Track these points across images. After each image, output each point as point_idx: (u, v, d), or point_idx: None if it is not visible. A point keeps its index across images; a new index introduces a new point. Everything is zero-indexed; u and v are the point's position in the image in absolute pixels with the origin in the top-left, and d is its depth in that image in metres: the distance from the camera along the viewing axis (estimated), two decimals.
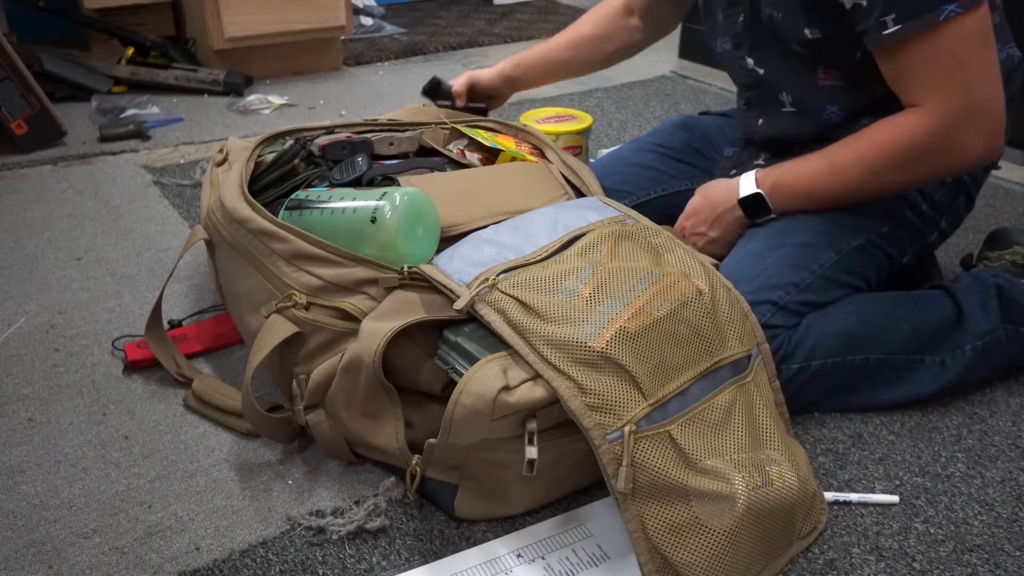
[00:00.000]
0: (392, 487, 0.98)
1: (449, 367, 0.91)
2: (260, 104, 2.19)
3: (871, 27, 1.01)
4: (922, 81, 1.02)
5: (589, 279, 0.91)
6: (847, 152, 1.08)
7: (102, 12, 2.31)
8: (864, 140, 1.07)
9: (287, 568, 0.89)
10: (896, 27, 0.99)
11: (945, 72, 1.00)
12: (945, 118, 1.02)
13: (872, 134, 1.07)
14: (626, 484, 0.81)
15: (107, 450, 1.05)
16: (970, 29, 0.98)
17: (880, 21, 1.00)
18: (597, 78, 2.49)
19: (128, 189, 1.73)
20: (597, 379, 0.84)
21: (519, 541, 0.92)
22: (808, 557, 0.91)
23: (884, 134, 1.05)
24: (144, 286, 1.39)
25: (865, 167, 1.06)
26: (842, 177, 1.08)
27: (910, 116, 1.04)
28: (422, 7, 3.24)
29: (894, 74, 1.05)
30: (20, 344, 1.25)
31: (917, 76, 1.02)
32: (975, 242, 1.44)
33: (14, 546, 0.92)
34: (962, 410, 1.13)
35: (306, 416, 1.00)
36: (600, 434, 0.82)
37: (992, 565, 0.90)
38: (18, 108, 1.86)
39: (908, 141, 1.04)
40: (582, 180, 1.19)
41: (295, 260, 1.02)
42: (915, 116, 1.03)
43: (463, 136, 1.33)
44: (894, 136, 1.04)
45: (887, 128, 1.05)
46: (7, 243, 1.52)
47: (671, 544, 0.82)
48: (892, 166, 1.06)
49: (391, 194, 1.01)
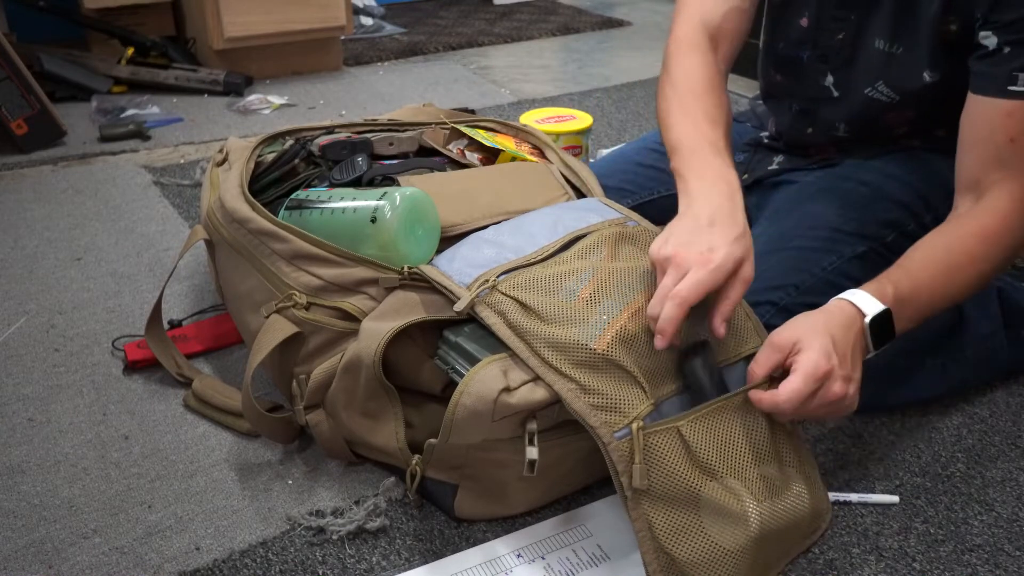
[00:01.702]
0: (392, 487, 0.98)
1: (449, 367, 0.91)
2: (260, 104, 2.19)
3: (998, 75, 0.95)
4: (1016, 164, 0.95)
5: (589, 280, 0.91)
6: (952, 255, 0.96)
7: (102, 12, 2.31)
8: (964, 236, 0.97)
9: (287, 568, 0.89)
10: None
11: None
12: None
13: (972, 226, 0.97)
14: (641, 480, 0.81)
15: (107, 450, 1.05)
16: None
17: (1012, 74, 0.93)
18: (597, 78, 2.49)
19: (128, 189, 1.73)
20: (599, 380, 0.84)
21: (519, 541, 0.92)
22: (808, 557, 0.91)
23: (985, 226, 0.96)
24: (144, 286, 1.39)
25: (977, 267, 0.96)
26: (956, 279, 0.96)
27: (1003, 202, 0.96)
28: (422, 7, 3.24)
29: (985, 139, 0.96)
30: (20, 344, 1.25)
31: (1016, 156, 0.94)
32: None
33: (14, 546, 0.92)
34: (962, 410, 1.13)
35: (306, 416, 1.00)
36: (607, 432, 0.82)
37: (992, 565, 0.90)
38: (18, 108, 1.86)
39: (1010, 231, 0.96)
40: (582, 180, 1.19)
41: (295, 260, 1.02)
42: (1006, 203, 0.96)
43: (463, 136, 1.33)
44: (997, 227, 0.96)
45: (987, 219, 0.96)
46: (7, 243, 1.52)
47: (677, 543, 0.82)
48: (993, 263, 0.97)
49: (391, 194, 1.01)
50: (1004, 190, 0.96)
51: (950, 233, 0.98)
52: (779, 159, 1.25)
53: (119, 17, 2.36)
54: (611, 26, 3.05)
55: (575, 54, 2.73)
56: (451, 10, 3.21)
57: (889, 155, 1.17)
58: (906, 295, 0.92)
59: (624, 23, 3.09)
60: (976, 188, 0.99)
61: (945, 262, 0.95)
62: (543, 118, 1.56)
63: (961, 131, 1.00)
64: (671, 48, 1.13)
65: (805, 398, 0.84)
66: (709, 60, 1.11)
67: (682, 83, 1.09)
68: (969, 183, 0.99)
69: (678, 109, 1.06)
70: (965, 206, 1.00)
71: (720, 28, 1.13)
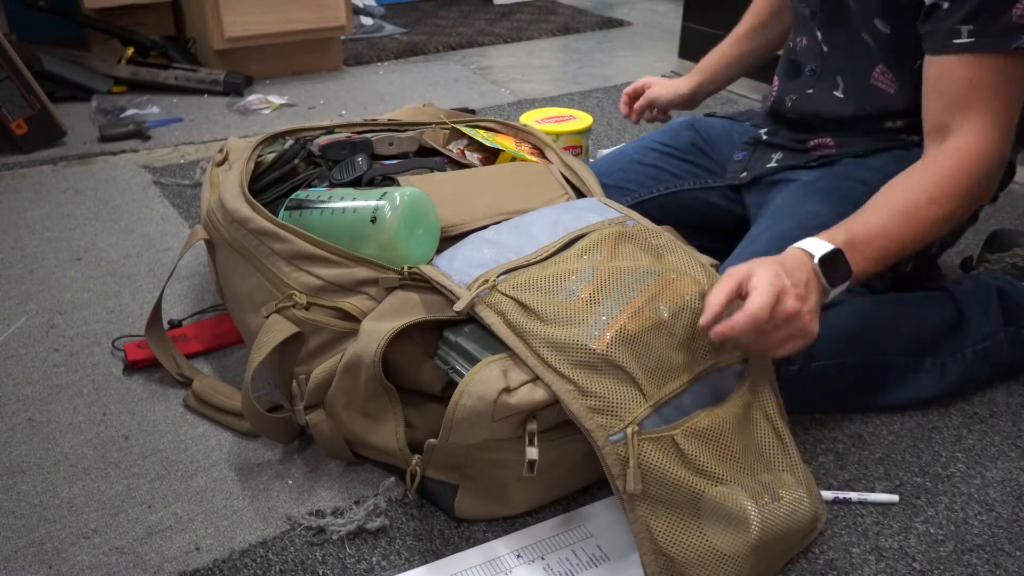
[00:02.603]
0: (392, 487, 0.98)
1: (449, 367, 0.91)
2: (260, 104, 2.19)
3: (941, 32, 0.97)
4: (975, 106, 0.97)
5: (589, 280, 0.91)
6: (911, 193, 0.97)
7: (102, 12, 2.31)
8: (926, 177, 0.98)
9: (287, 568, 0.89)
10: (970, 39, 0.95)
11: (1001, 104, 0.97)
12: (996, 148, 0.98)
13: (933, 168, 0.99)
14: (635, 485, 0.81)
15: (107, 450, 1.05)
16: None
17: (954, 28, 0.96)
18: (597, 78, 2.49)
19: (128, 189, 1.73)
20: (597, 381, 0.84)
21: (519, 541, 0.92)
22: (808, 557, 0.91)
23: (947, 167, 0.98)
24: (144, 286, 1.39)
25: (938, 208, 0.97)
26: (915, 220, 0.97)
27: (964, 141, 0.98)
28: (422, 7, 3.24)
29: (945, 88, 0.99)
30: (20, 344, 1.25)
31: (973, 98, 0.97)
32: (975, 243, 1.43)
33: (14, 546, 0.92)
34: (962, 410, 1.13)
35: (306, 416, 1.00)
36: (603, 435, 0.82)
37: (992, 565, 0.90)
38: (18, 108, 1.86)
39: (970, 171, 0.97)
40: (582, 180, 1.19)
41: (295, 260, 1.02)
42: (969, 142, 0.98)
43: (463, 136, 1.33)
44: (957, 167, 0.98)
45: (947, 160, 0.98)
46: (7, 243, 1.52)
47: (676, 547, 0.82)
48: (958, 201, 0.98)
49: (391, 194, 1.01)
50: (967, 131, 0.98)
51: (912, 175, 0.99)
52: (777, 156, 1.25)
53: (119, 17, 2.36)
54: (611, 26, 3.05)
55: (575, 54, 2.73)
56: (451, 10, 3.21)
57: (888, 153, 1.17)
58: (860, 237, 0.94)
59: (624, 23, 3.10)
60: (943, 131, 1.01)
61: (903, 204, 0.97)
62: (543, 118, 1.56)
63: (923, 85, 1.03)
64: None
65: (763, 316, 0.84)
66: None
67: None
68: (936, 127, 1.02)
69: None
70: (930, 150, 1.02)
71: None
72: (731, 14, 1.47)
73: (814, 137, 1.22)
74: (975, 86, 0.97)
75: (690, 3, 2.49)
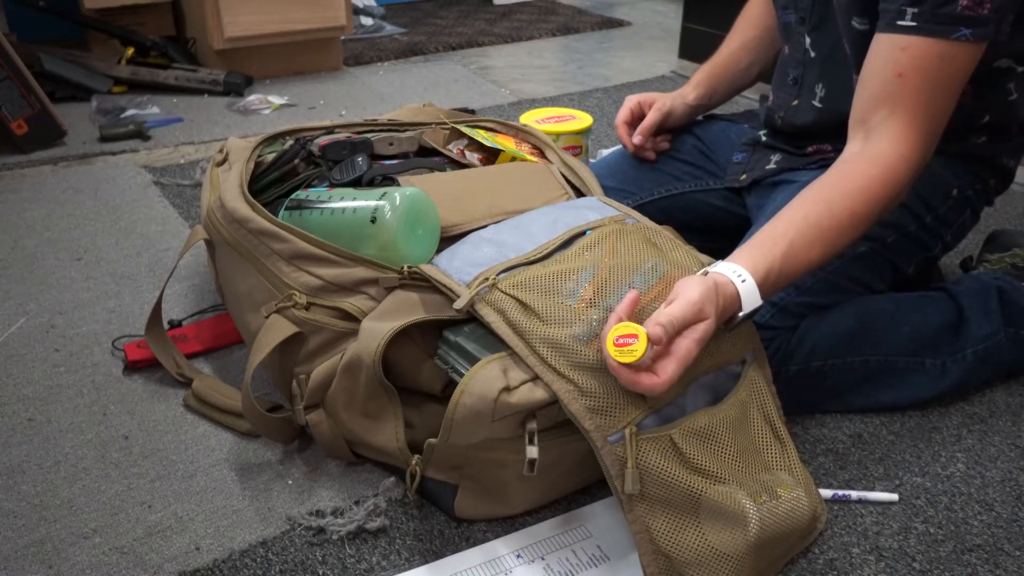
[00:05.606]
0: (392, 487, 0.98)
1: (449, 367, 0.91)
2: (260, 104, 2.19)
3: (890, 11, 0.97)
4: (903, 101, 0.96)
5: (590, 281, 0.91)
6: (834, 218, 0.94)
7: (102, 12, 2.31)
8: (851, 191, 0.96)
9: (287, 568, 0.89)
10: (912, 23, 0.95)
11: (930, 99, 0.96)
12: (918, 154, 0.97)
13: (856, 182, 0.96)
14: (634, 486, 0.81)
15: (107, 450, 1.05)
16: (969, 61, 0.96)
17: (901, 9, 0.96)
18: (597, 78, 2.49)
19: (128, 189, 1.73)
20: (596, 381, 0.84)
21: (519, 541, 0.92)
22: (808, 557, 0.91)
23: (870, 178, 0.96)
24: (144, 286, 1.39)
25: (858, 222, 0.96)
26: (834, 244, 0.95)
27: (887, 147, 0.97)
28: (422, 7, 3.24)
29: (879, 70, 0.98)
30: (20, 344, 1.25)
31: (905, 89, 0.96)
32: (975, 242, 1.43)
33: (14, 546, 0.92)
34: (962, 410, 1.13)
35: (306, 416, 1.00)
36: (601, 436, 0.82)
37: (992, 565, 0.91)
38: (18, 108, 1.86)
39: (893, 181, 0.96)
40: (582, 180, 1.19)
41: (295, 260, 1.02)
42: (892, 148, 0.96)
43: (463, 136, 1.33)
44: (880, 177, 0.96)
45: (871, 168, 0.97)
46: (7, 243, 1.52)
47: (675, 547, 0.82)
48: (877, 214, 0.97)
49: (391, 194, 1.01)
50: (886, 132, 0.97)
51: (836, 187, 0.96)
52: (776, 158, 1.25)
53: (119, 17, 2.36)
54: (611, 26, 3.05)
55: (575, 54, 2.73)
56: (451, 10, 3.21)
57: None
58: (781, 272, 0.91)
59: (624, 23, 3.10)
60: (864, 124, 0.99)
61: (826, 225, 0.94)
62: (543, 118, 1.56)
63: (863, 65, 1.02)
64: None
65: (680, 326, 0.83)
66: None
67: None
68: (859, 117, 1.01)
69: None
70: (854, 147, 1.00)
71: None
72: (731, 14, 1.47)
73: (812, 143, 1.22)
74: (907, 75, 0.96)
75: (690, 3, 2.49)
